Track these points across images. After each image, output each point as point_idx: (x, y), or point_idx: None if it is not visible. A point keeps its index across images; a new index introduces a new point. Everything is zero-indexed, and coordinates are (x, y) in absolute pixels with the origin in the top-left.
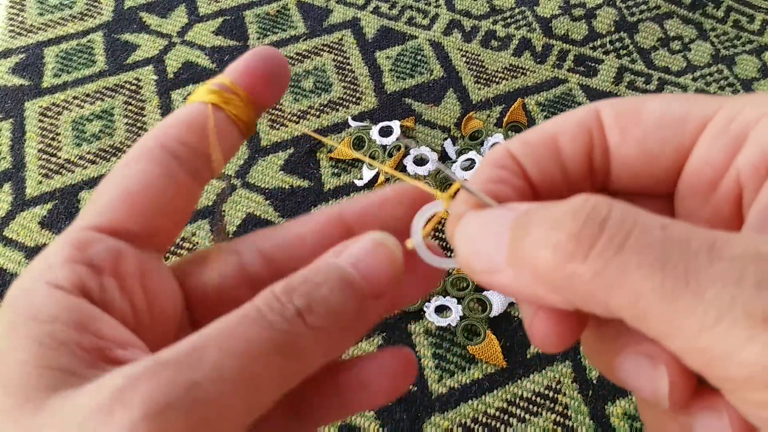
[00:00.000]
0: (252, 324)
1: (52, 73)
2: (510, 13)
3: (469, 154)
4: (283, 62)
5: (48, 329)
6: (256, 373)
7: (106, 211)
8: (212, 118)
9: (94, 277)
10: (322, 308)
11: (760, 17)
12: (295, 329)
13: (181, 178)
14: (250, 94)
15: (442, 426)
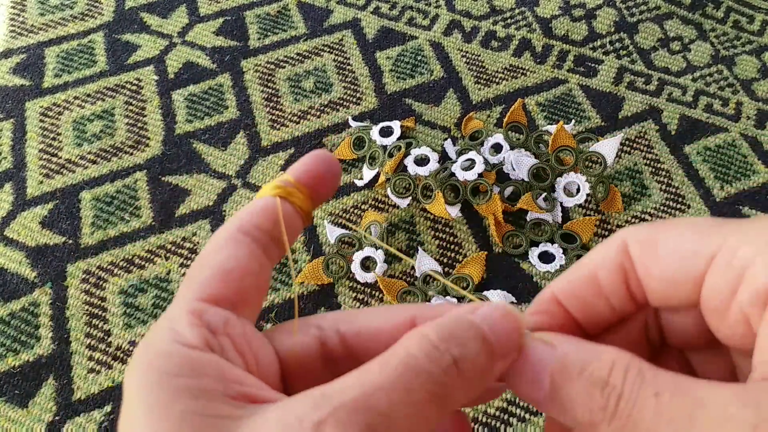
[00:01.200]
0: (414, 374)
1: (53, 73)
2: (510, 13)
3: (469, 155)
4: (335, 163)
5: (198, 383)
6: (415, 419)
7: (207, 285)
8: (280, 209)
9: (213, 337)
10: (471, 361)
11: (759, 18)
12: (450, 380)
13: (261, 257)
14: (309, 190)
15: None
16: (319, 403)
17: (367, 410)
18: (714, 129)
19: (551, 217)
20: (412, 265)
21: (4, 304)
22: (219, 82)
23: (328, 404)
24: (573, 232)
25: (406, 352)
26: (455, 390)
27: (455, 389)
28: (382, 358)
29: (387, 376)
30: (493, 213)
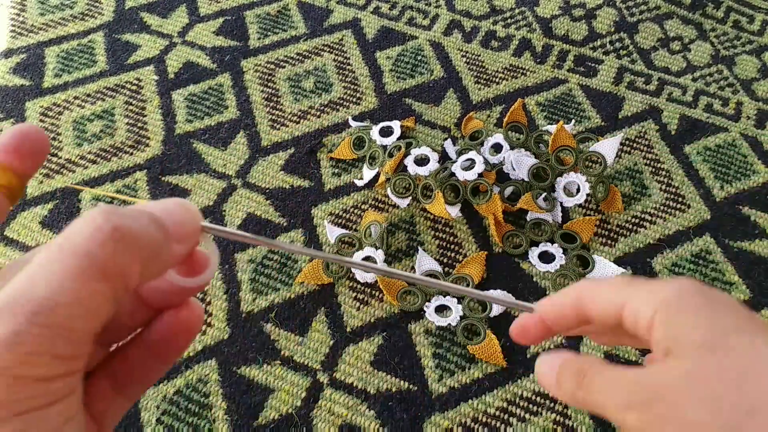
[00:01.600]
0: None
1: (53, 73)
2: (510, 13)
3: (469, 154)
4: (38, 137)
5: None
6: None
7: None
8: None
9: None
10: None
11: (759, 18)
12: (111, 251)
13: None
14: (8, 165)
15: (443, 425)
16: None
17: (25, 300)
18: (714, 129)
19: (551, 217)
20: (412, 266)
21: None
22: (219, 82)
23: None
24: (573, 231)
25: (64, 236)
26: (122, 264)
27: (121, 263)
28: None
29: (44, 263)
30: (493, 213)
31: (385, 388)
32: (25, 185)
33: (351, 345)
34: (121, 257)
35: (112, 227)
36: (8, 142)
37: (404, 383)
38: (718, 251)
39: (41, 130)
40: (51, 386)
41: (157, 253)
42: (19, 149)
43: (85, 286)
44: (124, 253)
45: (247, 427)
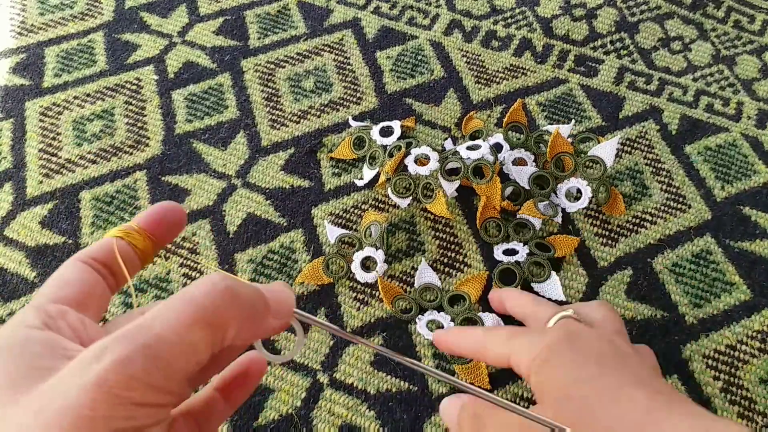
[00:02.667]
0: (186, 302)
1: (53, 73)
2: (510, 13)
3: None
4: (176, 214)
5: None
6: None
7: (50, 292)
8: (115, 245)
9: (52, 321)
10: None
11: (760, 17)
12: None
13: (92, 275)
14: (148, 233)
15: (443, 426)
16: (108, 337)
17: (141, 332)
18: (715, 129)
19: (539, 224)
20: (412, 266)
21: (4, 304)
22: (219, 82)
23: (115, 334)
24: (550, 244)
25: (184, 289)
26: (225, 318)
27: (223, 316)
28: (168, 299)
29: (163, 306)
30: (488, 195)
31: (386, 389)
32: (157, 252)
33: (351, 345)
34: (223, 311)
35: (223, 286)
36: (152, 214)
37: (404, 383)
38: (718, 251)
39: (182, 210)
40: (143, 411)
41: (255, 319)
42: (160, 222)
43: (189, 330)
44: (227, 309)
45: (247, 427)
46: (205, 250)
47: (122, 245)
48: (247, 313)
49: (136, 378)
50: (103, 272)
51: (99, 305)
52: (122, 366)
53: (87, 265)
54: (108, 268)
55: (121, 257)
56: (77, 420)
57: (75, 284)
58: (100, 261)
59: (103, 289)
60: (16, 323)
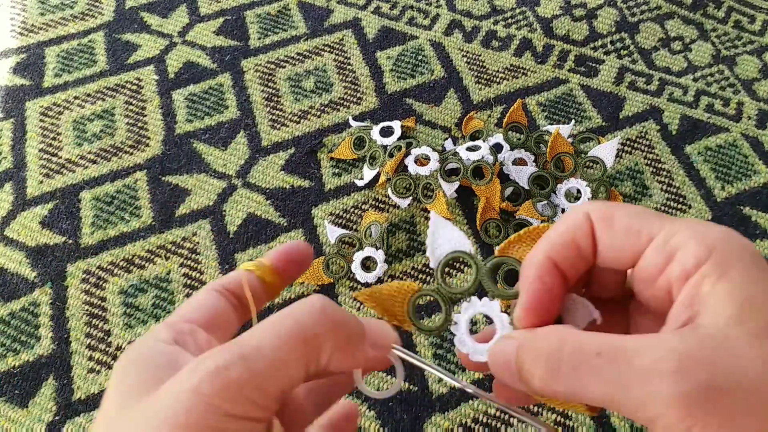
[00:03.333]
0: (287, 319)
1: (53, 73)
2: (511, 13)
3: (476, 142)
4: (305, 253)
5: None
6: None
7: (184, 313)
8: (246, 278)
9: (181, 336)
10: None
11: (761, 18)
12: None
13: (224, 303)
14: (279, 272)
15: (443, 426)
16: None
17: (238, 346)
18: (715, 129)
19: (538, 224)
20: (412, 266)
21: (4, 304)
22: (219, 82)
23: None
24: None
25: (285, 309)
26: (320, 335)
27: (318, 334)
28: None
29: (264, 323)
30: (487, 196)
31: (386, 389)
32: (283, 287)
33: None
34: (319, 328)
35: (322, 305)
36: (282, 252)
37: (405, 383)
38: None
39: (309, 249)
40: (236, 423)
41: (350, 342)
42: (289, 259)
43: (285, 344)
44: (322, 326)
45: None
46: (206, 250)
47: (252, 278)
48: (342, 335)
49: (230, 388)
50: (233, 301)
51: (227, 330)
52: (217, 375)
53: (219, 294)
54: (238, 298)
55: (250, 290)
56: (173, 428)
57: (207, 308)
58: (231, 291)
59: (232, 315)
60: (149, 336)
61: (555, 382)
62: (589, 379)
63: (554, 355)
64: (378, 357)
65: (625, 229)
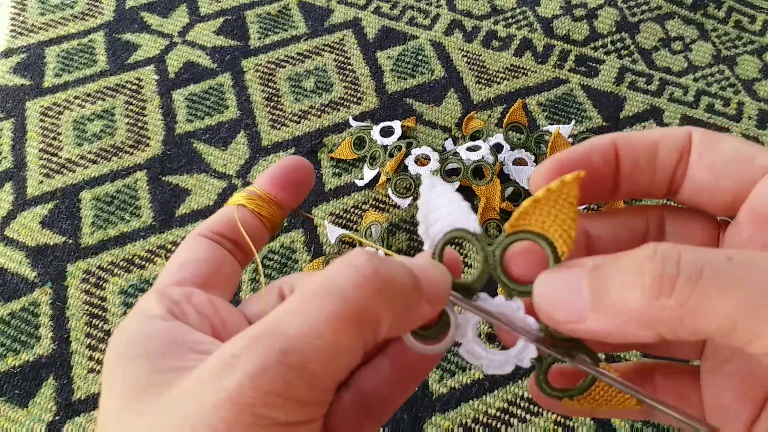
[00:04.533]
0: (328, 295)
1: (54, 73)
2: (511, 13)
3: (476, 142)
4: (303, 170)
5: (152, 346)
6: (333, 338)
7: (169, 275)
8: (237, 215)
9: (176, 306)
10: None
11: (761, 18)
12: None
13: (218, 251)
14: (273, 198)
15: (443, 426)
16: (237, 339)
17: (278, 336)
18: (715, 129)
19: None
20: None
21: (4, 304)
22: (219, 82)
23: (245, 336)
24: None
25: (325, 276)
26: (376, 311)
27: (375, 310)
28: (304, 286)
29: (301, 300)
30: (488, 196)
31: None
32: (285, 216)
33: None
34: (376, 302)
35: (371, 270)
36: (276, 174)
37: None
38: None
39: (308, 164)
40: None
41: (409, 308)
42: (286, 183)
43: (337, 332)
44: (380, 301)
45: None
46: None
47: (246, 214)
48: (401, 302)
49: (277, 393)
50: (228, 246)
51: (229, 283)
52: (260, 379)
53: (208, 240)
54: (233, 241)
55: (246, 228)
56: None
57: (199, 262)
58: (223, 234)
59: (232, 264)
60: (139, 314)
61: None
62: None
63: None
64: (436, 311)
65: (733, 154)
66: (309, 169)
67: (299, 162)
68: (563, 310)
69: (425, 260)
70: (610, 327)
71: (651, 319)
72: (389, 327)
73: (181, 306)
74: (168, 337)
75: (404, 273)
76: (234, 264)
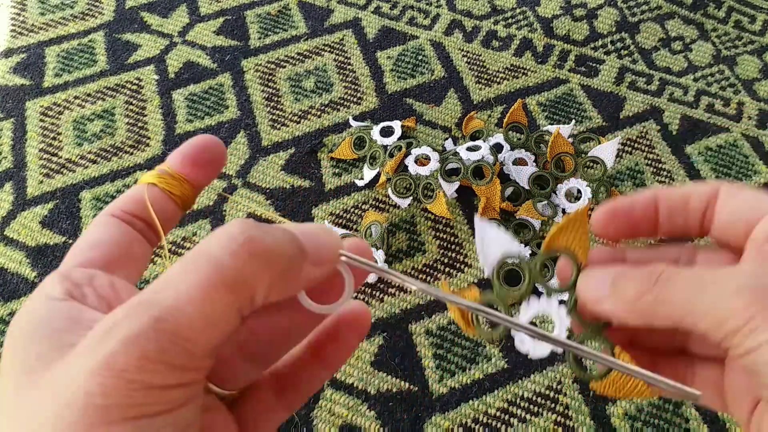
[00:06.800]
0: (203, 262)
1: (54, 73)
2: (511, 13)
3: (476, 142)
4: (214, 149)
5: (50, 325)
6: (205, 304)
7: (75, 256)
8: (146, 194)
9: (76, 288)
10: (269, 246)
11: (761, 18)
12: (242, 264)
13: (127, 232)
14: (184, 176)
15: (443, 426)
16: (119, 308)
17: (153, 305)
18: (715, 129)
19: (539, 224)
20: (412, 266)
21: (4, 303)
22: (219, 82)
23: (124, 307)
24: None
25: (201, 244)
26: (249, 276)
27: (248, 275)
28: (184, 255)
29: (177, 269)
30: (488, 196)
31: (386, 389)
32: (197, 195)
33: None
34: (250, 269)
35: (245, 238)
36: (187, 153)
37: (405, 384)
38: None
39: (219, 142)
40: (165, 395)
41: (289, 271)
42: (197, 161)
43: (210, 297)
44: (253, 265)
45: None
46: None
47: (157, 193)
48: (277, 267)
49: (150, 359)
50: (138, 226)
51: (137, 264)
52: (133, 345)
53: (118, 220)
54: (144, 220)
55: (156, 208)
56: (87, 410)
57: (105, 243)
58: (133, 213)
59: (141, 245)
60: (39, 295)
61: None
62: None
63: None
64: (324, 273)
65: (745, 203)
66: (220, 148)
67: (210, 140)
68: (593, 292)
69: (315, 225)
70: (616, 309)
71: (638, 308)
72: (271, 290)
73: (81, 288)
74: (65, 315)
75: (283, 237)
76: (144, 244)
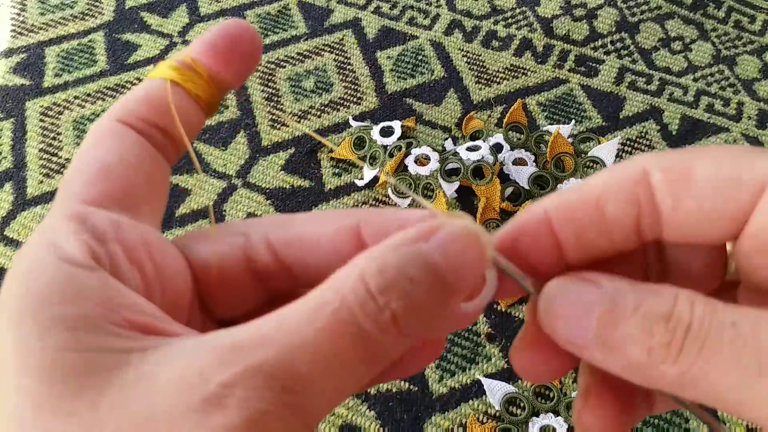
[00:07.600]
0: (345, 331)
1: (53, 73)
2: (511, 13)
3: (476, 142)
4: (250, 38)
5: (77, 310)
6: (342, 380)
7: (88, 185)
8: (170, 96)
9: (101, 245)
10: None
11: (761, 18)
12: (387, 339)
13: (149, 150)
14: (212, 73)
15: (443, 426)
16: (227, 358)
17: (285, 372)
18: (715, 129)
19: None
20: None
21: None
22: None
23: (239, 361)
24: None
25: (338, 300)
26: (392, 347)
27: (392, 346)
28: (308, 305)
29: (312, 330)
30: (488, 196)
31: (386, 389)
32: (224, 96)
33: None
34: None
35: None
36: (216, 43)
37: (405, 384)
38: None
39: (252, 29)
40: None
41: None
42: (229, 53)
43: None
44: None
45: None
46: None
47: (179, 94)
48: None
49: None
50: (158, 140)
51: (160, 198)
52: (257, 425)
53: (134, 131)
54: (161, 129)
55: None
56: None
57: (123, 169)
58: (149, 121)
59: (163, 169)
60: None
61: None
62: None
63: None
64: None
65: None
66: (256, 36)
67: (243, 26)
68: (568, 327)
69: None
70: (608, 366)
71: (650, 377)
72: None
73: (108, 245)
74: (95, 298)
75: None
76: (166, 169)
